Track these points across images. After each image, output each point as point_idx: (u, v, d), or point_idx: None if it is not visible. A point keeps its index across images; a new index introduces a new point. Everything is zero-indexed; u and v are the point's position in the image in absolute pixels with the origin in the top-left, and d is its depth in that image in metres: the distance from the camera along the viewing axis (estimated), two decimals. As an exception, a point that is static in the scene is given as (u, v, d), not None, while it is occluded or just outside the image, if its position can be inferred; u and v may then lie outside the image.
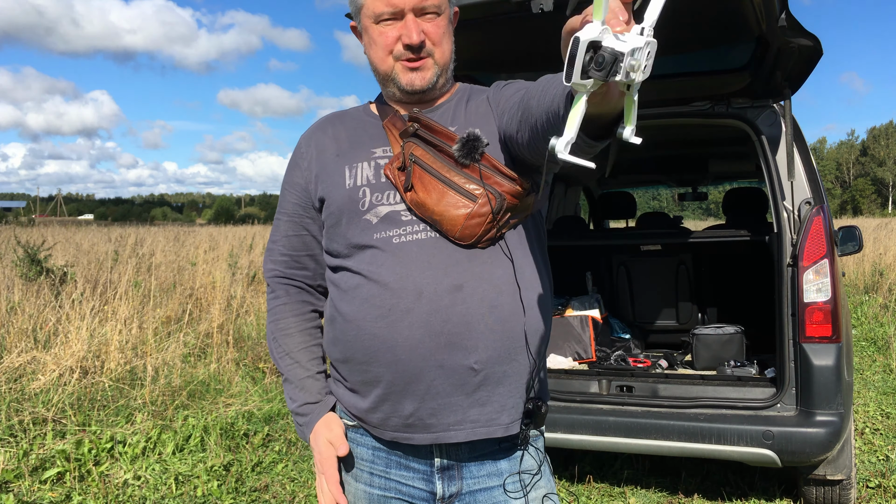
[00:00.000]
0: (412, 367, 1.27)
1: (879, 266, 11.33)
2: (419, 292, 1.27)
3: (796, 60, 2.91)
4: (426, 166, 1.30)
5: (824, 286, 2.96)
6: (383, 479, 1.38)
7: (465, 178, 1.28)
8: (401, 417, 1.31)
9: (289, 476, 3.89)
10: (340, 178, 1.38)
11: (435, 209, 1.27)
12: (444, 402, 1.28)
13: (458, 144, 1.28)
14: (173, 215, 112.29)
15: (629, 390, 3.40)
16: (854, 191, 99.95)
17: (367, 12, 1.34)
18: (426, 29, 1.33)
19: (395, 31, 1.33)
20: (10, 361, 4.82)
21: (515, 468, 1.37)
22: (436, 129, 1.33)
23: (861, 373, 6.11)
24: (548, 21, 2.59)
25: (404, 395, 1.29)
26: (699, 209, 51.31)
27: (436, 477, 1.35)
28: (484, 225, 1.27)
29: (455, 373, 1.27)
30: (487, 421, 1.30)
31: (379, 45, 1.35)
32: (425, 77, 1.37)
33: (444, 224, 1.28)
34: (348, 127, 1.46)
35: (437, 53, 1.36)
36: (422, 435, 1.31)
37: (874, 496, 3.55)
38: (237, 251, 11.54)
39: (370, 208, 1.33)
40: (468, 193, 1.27)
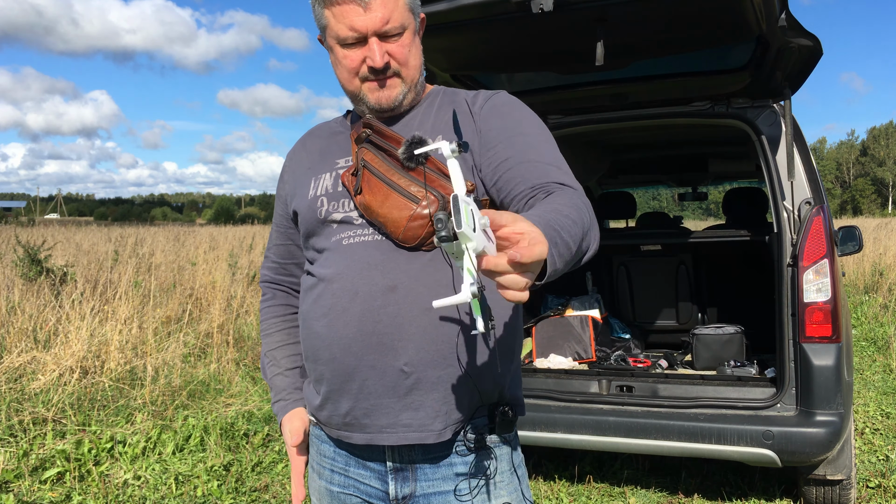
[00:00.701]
0: (346, 365, 1.30)
1: (879, 266, 11.33)
2: (355, 292, 1.29)
3: (796, 60, 2.91)
4: (373, 170, 1.33)
5: (824, 286, 2.97)
6: (343, 477, 1.40)
7: (408, 181, 1.30)
8: (339, 416, 1.34)
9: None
10: (306, 189, 1.43)
11: (379, 211, 1.29)
12: (376, 403, 1.30)
13: (403, 147, 1.29)
14: (173, 215, 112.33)
15: (629, 390, 3.40)
16: (854, 191, 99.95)
17: (332, 33, 1.34)
18: (390, 50, 1.33)
19: (359, 53, 1.33)
20: (11, 361, 4.82)
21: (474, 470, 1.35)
22: (386, 133, 1.36)
23: (861, 373, 6.11)
24: (548, 21, 2.59)
25: (341, 394, 1.32)
26: (699, 209, 51.23)
27: (389, 477, 1.35)
28: (426, 227, 1.28)
29: (386, 374, 1.28)
30: (419, 426, 1.30)
31: (344, 66, 1.36)
32: (391, 95, 1.37)
33: (388, 226, 1.29)
34: (323, 139, 1.51)
35: (403, 71, 1.36)
36: (358, 434, 1.33)
37: (874, 496, 3.55)
38: (237, 251, 11.55)
39: (326, 216, 1.37)
40: (410, 195, 1.28)
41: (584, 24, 2.64)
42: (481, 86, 3.58)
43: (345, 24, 1.30)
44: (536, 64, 3.30)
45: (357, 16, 1.29)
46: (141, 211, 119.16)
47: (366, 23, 1.29)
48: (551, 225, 1.02)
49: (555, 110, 3.77)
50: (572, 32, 2.77)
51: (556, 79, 3.48)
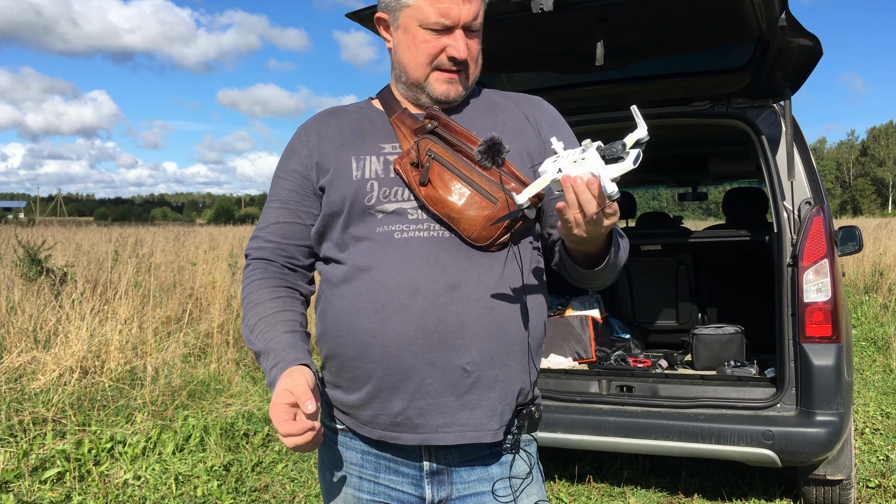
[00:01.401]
0: (403, 363, 1.25)
1: (879, 266, 11.33)
2: (415, 288, 1.25)
3: (796, 60, 2.91)
4: (446, 163, 1.30)
5: (824, 286, 2.96)
6: (372, 484, 1.36)
7: (484, 179, 1.29)
8: (389, 416, 1.28)
9: (289, 476, 3.89)
10: (347, 168, 1.35)
11: (454, 207, 1.27)
12: (433, 403, 1.26)
13: (482, 147, 1.26)
14: (173, 215, 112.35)
15: (629, 390, 3.40)
16: (854, 191, 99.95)
17: (416, 14, 1.32)
18: (469, 45, 1.35)
19: (441, 41, 1.33)
20: (11, 361, 4.82)
21: (506, 473, 1.35)
22: (456, 129, 1.34)
23: (861, 373, 6.11)
24: (548, 21, 2.59)
25: (394, 393, 1.27)
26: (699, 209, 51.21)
27: (425, 481, 1.33)
28: (501, 228, 1.28)
29: (446, 373, 1.25)
30: (476, 425, 1.28)
31: (423, 51, 1.34)
32: (458, 90, 1.38)
33: (461, 223, 1.27)
34: (352, 120, 1.43)
35: (471, 69, 1.38)
36: (410, 435, 1.28)
37: (874, 496, 3.55)
38: (237, 251, 11.54)
39: (377, 203, 1.31)
40: (489, 195, 1.27)
41: (584, 24, 2.64)
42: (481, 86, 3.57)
43: (439, 8, 1.30)
44: (536, 64, 3.30)
45: (455, 4, 1.29)
46: (141, 211, 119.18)
47: (460, 13, 1.30)
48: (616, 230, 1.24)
49: (555, 110, 3.77)
50: (572, 32, 2.77)
51: (556, 79, 3.49)
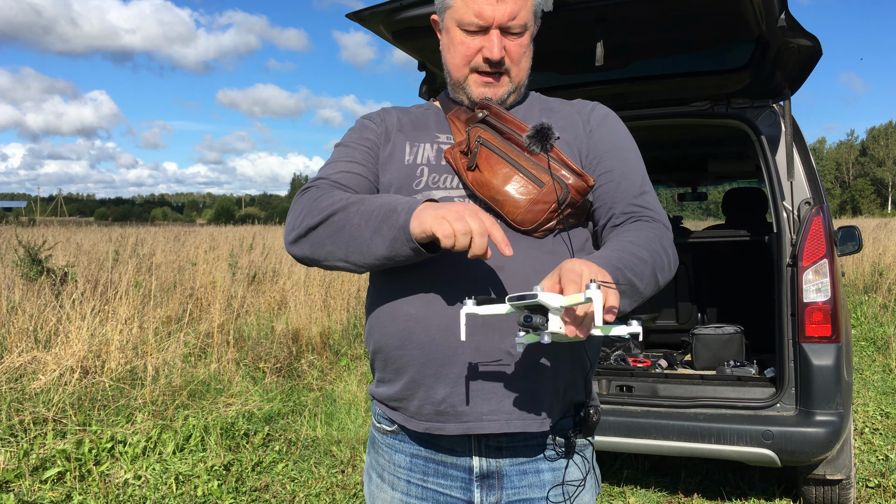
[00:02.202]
0: (446, 348, 1.22)
1: (879, 266, 11.33)
2: (458, 271, 1.23)
3: (796, 60, 2.91)
4: (494, 148, 1.30)
5: (824, 286, 2.97)
6: (420, 488, 1.33)
7: (533, 165, 1.28)
8: (433, 403, 1.25)
9: (289, 476, 3.89)
10: (401, 152, 1.37)
11: (500, 189, 1.26)
12: (477, 389, 1.22)
13: (531, 132, 1.27)
14: (174, 215, 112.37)
15: (629, 390, 3.40)
16: (853, 191, 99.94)
17: (454, 15, 1.33)
18: (508, 46, 1.32)
19: (477, 42, 1.32)
20: (11, 361, 4.83)
21: (559, 479, 1.30)
22: (506, 117, 1.33)
23: (861, 373, 6.12)
24: (548, 21, 2.59)
25: (437, 379, 1.23)
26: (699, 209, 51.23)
27: (474, 485, 1.29)
28: (546, 213, 1.26)
29: (490, 356, 1.22)
30: (522, 414, 1.23)
31: (459, 52, 1.34)
32: (496, 93, 1.36)
33: (505, 205, 1.25)
34: (412, 115, 1.47)
35: (513, 71, 1.36)
36: (454, 424, 1.24)
37: (874, 496, 3.55)
38: (237, 251, 11.55)
39: (424, 189, 1.32)
40: (536, 179, 1.26)
41: (584, 24, 2.65)
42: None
43: (473, 9, 1.29)
44: (536, 64, 3.30)
45: (488, 4, 1.28)
46: (141, 211, 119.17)
47: (494, 13, 1.29)
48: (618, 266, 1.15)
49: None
50: (572, 32, 2.78)
51: (556, 79, 3.49)
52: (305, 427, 4.61)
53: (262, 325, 6.80)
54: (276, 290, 8.42)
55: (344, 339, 7.01)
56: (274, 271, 9.85)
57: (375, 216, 1.16)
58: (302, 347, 6.38)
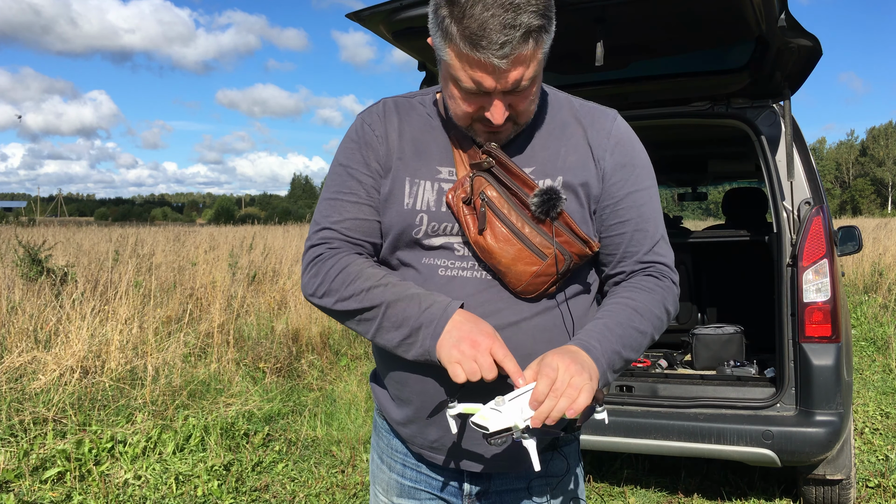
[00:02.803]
0: (438, 399, 1.26)
1: (879, 266, 11.34)
2: None
3: (796, 60, 2.91)
4: (500, 214, 1.24)
5: (824, 286, 2.97)
6: (414, 472, 1.40)
7: (536, 233, 1.24)
8: (426, 440, 1.33)
9: (289, 476, 3.89)
10: (400, 192, 1.29)
11: (502, 261, 1.23)
12: (467, 436, 1.28)
13: (537, 199, 1.22)
14: (174, 215, 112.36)
15: (629, 390, 3.40)
16: (853, 191, 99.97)
17: (450, 72, 1.18)
18: (513, 102, 1.19)
19: (478, 101, 1.19)
20: (11, 361, 4.83)
21: (542, 472, 1.35)
22: (513, 171, 1.25)
23: (861, 373, 6.12)
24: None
25: (429, 424, 1.30)
26: (699, 209, 51.30)
27: (464, 475, 1.36)
28: (547, 283, 1.26)
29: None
30: (509, 456, 1.29)
31: (459, 107, 1.22)
32: (501, 139, 1.26)
33: (508, 276, 1.25)
34: (414, 127, 1.34)
35: (520, 118, 1.24)
36: (445, 458, 1.32)
37: (874, 496, 3.55)
38: (237, 251, 11.55)
39: (424, 237, 1.28)
40: (538, 251, 1.24)
41: (584, 24, 2.65)
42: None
43: (472, 76, 1.15)
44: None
45: (488, 73, 1.14)
46: (141, 211, 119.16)
47: (495, 85, 1.15)
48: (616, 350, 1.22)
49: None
50: (572, 32, 2.78)
51: (556, 79, 3.49)
52: (305, 427, 4.61)
53: (262, 325, 6.80)
54: (276, 290, 8.43)
55: (344, 339, 7.01)
56: (274, 271, 9.86)
57: (403, 328, 1.21)
58: (302, 347, 6.38)
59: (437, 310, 1.19)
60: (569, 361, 1.11)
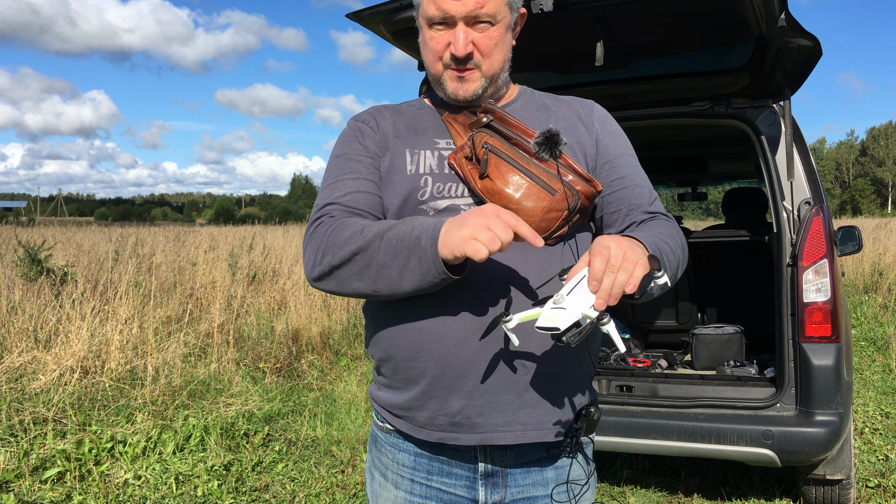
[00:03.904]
0: (461, 361, 1.22)
1: (879, 266, 11.34)
2: (469, 284, 1.22)
3: (796, 60, 2.91)
4: (504, 155, 1.27)
5: (824, 286, 2.97)
6: (424, 487, 1.33)
7: (543, 172, 1.26)
8: (447, 415, 1.25)
9: (289, 476, 3.89)
10: (401, 161, 1.33)
11: (512, 198, 1.23)
12: (492, 401, 1.23)
13: (540, 138, 1.24)
14: (174, 215, 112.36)
15: (629, 390, 3.40)
16: (853, 191, 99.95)
17: (423, 12, 1.31)
18: (476, 39, 1.28)
19: (445, 37, 1.29)
20: (11, 361, 4.83)
21: (562, 477, 1.31)
22: (511, 122, 1.31)
23: (861, 373, 6.12)
24: (548, 21, 2.59)
25: (452, 391, 1.23)
26: (699, 209, 51.32)
27: (479, 483, 1.30)
28: (559, 220, 1.24)
29: (505, 369, 1.22)
30: (538, 424, 1.25)
31: (429, 48, 1.32)
32: (469, 89, 1.32)
33: (519, 214, 1.21)
34: (405, 115, 1.42)
35: (484, 65, 1.30)
36: (469, 435, 1.25)
37: (874, 496, 3.55)
38: (237, 251, 11.54)
39: (430, 199, 1.29)
40: (548, 186, 1.24)
41: (584, 24, 2.65)
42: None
43: (436, 3, 1.26)
44: (536, 64, 3.31)
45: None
46: (141, 211, 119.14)
47: (456, 7, 1.25)
48: (657, 245, 1.20)
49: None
50: (572, 32, 2.78)
51: (556, 79, 3.49)
52: (305, 427, 4.61)
53: (262, 325, 6.80)
54: (276, 290, 8.42)
55: (344, 339, 7.01)
56: (274, 271, 9.85)
57: (401, 251, 1.15)
58: (302, 347, 6.38)
59: (428, 221, 1.17)
60: (619, 239, 1.09)
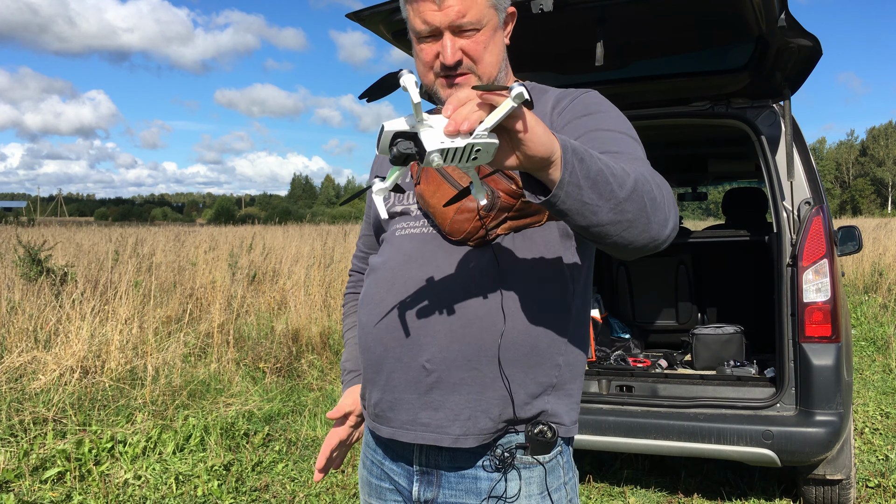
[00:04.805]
0: (377, 356, 1.30)
1: (879, 266, 11.34)
2: (392, 283, 1.29)
3: (796, 61, 2.91)
4: None
5: (824, 286, 2.97)
6: (380, 469, 1.40)
7: (461, 173, 1.25)
8: (371, 406, 1.35)
9: (289, 476, 3.89)
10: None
11: (430, 201, 1.28)
12: (399, 398, 1.28)
13: None
14: (174, 215, 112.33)
15: (629, 390, 3.40)
16: (853, 191, 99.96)
17: (410, 27, 1.34)
18: (464, 46, 1.29)
19: (434, 48, 1.31)
20: (11, 361, 4.83)
21: (497, 491, 1.27)
22: None
23: (861, 373, 6.12)
24: (548, 21, 2.59)
25: (373, 385, 1.33)
26: (699, 209, 51.32)
27: (414, 477, 1.32)
28: (472, 221, 1.23)
29: (409, 369, 1.25)
30: (436, 427, 1.25)
31: (420, 60, 1.35)
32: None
33: (436, 217, 1.28)
34: None
35: (479, 69, 1.31)
36: (385, 427, 1.32)
37: (874, 496, 3.55)
38: (237, 251, 11.54)
39: (391, 206, 1.40)
40: (456, 183, 1.26)
41: (584, 24, 2.65)
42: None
43: (420, 18, 1.30)
44: (536, 64, 3.31)
45: (431, 10, 1.28)
46: (141, 211, 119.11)
47: (438, 17, 1.27)
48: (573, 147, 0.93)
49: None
50: (572, 32, 2.78)
51: (556, 79, 3.49)
52: (305, 427, 4.61)
53: (262, 325, 6.80)
54: (276, 290, 8.43)
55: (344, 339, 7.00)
56: (274, 271, 9.85)
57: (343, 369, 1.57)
58: (302, 347, 6.38)
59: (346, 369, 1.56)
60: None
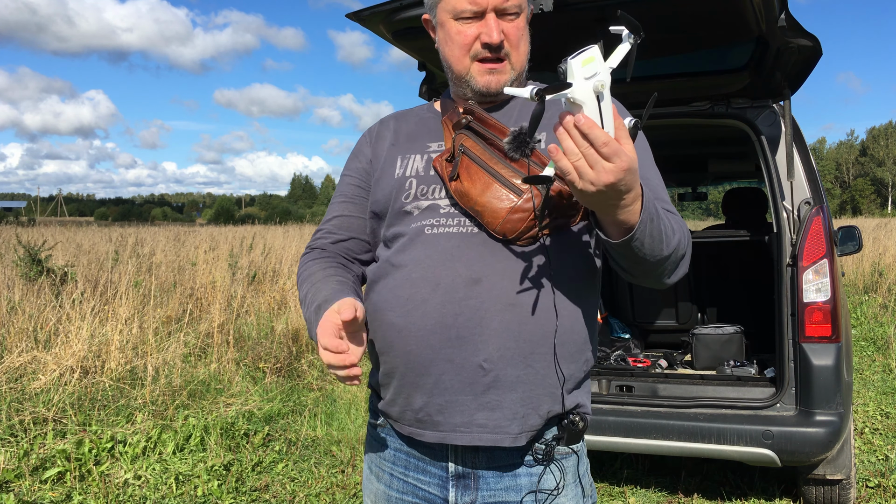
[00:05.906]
0: (422, 358, 1.24)
1: (879, 266, 11.34)
2: (436, 283, 1.24)
3: (796, 60, 2.92)
4: (474, 157, 1.28)
5: (824, 286, 2.97)
6: (401, 482, 1.35)
7: (512, 172, 1.25)
8: (413, 411, 1.28)
9: (289, 476, 3.89)
10: (392, 167, 1.39)
11: (478, 200, 1.24)
12: (451, 400, 1.24)
13: (509, 138, 1.23)
14: (174, 215, 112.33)
15: (629, 390, 3.40)
16: (853, 191, 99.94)
17: (447, 7, 1.30)
18: (506, 29, 1.29)
19: (474, 29, 1.29)
20: (11, 361, 4.83)
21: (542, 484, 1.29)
22: (489, 122, 1.31)
23: (861, 373, 6.12)
24: (548, 21, 2.59)
25: (415, 388, 1.26)
26: (699, 209, 51.34)
27: (450, 484, 1.30)
28: (526, 221, 1.23)
29: (463, 369, 1.22)
30: (495, 427, 1.23)
31: (457, 43, 1.31)
32: (500, 80, 1.32)
33: (485, 216, 1.24)
34: (410, 123, 1.47)
35: (513, 56, 1.32)
36: (431, 432, 1.27)
37: (874, 496, 3.55)
38: (237, 251, 11.54)
39: (413, 200, 1.33)
40: (514, 187, 1.23)
41: (584, 24, 2.65)
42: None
43: None
44: (536, 64, 3.31)
45: None
46: (141, 211, 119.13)
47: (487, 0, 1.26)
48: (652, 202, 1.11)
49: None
50: (572, 32, 2.78)
51: (555, 80, 3.48)
52: (305, 427, 4.61)
53: (262, 325, 6.79)
54: (276, 290, 8.42)
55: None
56: (274, 271, 9.85)
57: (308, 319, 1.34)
58: (302, 347, 6.38)
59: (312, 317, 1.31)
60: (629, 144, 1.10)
